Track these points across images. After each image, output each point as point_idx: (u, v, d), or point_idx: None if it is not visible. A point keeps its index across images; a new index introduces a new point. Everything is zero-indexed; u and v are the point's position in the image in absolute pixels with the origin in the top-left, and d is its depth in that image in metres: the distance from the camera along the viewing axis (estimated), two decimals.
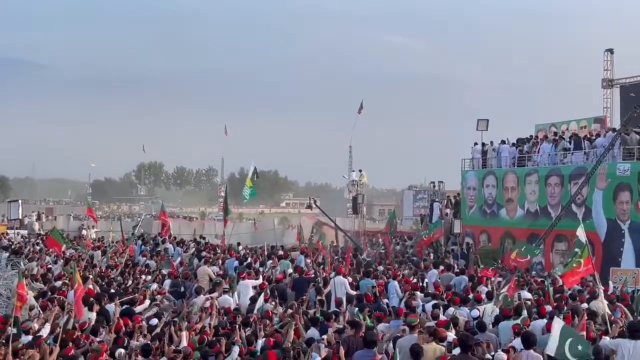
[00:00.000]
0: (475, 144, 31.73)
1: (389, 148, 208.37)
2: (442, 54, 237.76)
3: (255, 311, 13.66)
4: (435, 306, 13.31)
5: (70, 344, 9.74)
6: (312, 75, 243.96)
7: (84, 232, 37.50)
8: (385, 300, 15.30)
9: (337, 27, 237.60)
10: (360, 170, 40.68)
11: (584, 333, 10.81)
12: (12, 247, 25.35)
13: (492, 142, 30.94)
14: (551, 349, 9.52)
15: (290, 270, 19.17)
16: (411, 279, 18.41)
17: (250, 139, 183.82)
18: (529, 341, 9.73)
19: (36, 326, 11.28)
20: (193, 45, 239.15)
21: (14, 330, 10.46)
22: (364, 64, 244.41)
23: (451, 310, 13.36)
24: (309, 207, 36.29)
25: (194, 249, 25.18)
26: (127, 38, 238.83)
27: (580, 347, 9.51)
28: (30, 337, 10.50)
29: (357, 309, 13.42)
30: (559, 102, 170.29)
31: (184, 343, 10.29)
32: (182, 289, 17.41)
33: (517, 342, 10.21)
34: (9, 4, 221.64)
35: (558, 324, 9.77)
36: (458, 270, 19.99)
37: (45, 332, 11.00)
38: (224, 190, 72.06)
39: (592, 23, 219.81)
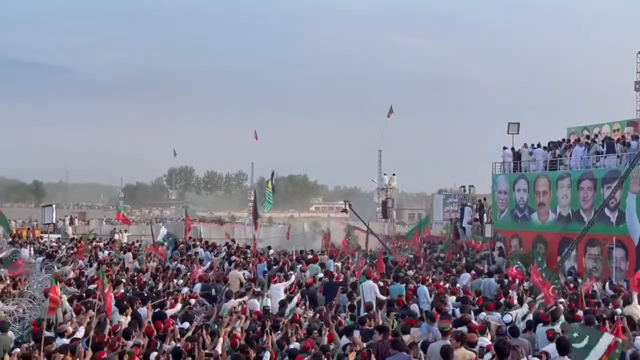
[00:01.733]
0: (505, 147, 31.46)
1: (419, 152, 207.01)
2: (473, 57, 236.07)
3: (286, 314, 13.67)
4: (465, 310, 13.22)
5: (105, 348, 9.80)
6: (342, 78, 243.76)
7: (116, 236, 37.87)
8: (415, 305, 15.23)
9: (365, 29, 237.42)
10: (393, 174, 40.68)
11: (620, 339, 10.62)
12: (46, 251, 25.66)
13: (527, 145, 30.45)
14: None
15: (321, 275, 19.17)
16: (441, 283, 18.29)
17: (280, 143, 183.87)
18: (564, 347, 9.59)
19: (70, 329, 11.40)
20: (223, 49, 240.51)
21: (48, 333, 10.59)
22: (394, 66, 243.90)
23: (483, 315, 13.25)
24: (344, 210, 36.20)
25: (224, 252, 25.27)
26: (155, 40, 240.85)
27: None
28: (65, 340, 10.61)
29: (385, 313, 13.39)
30: (592, 105, 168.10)
31: (219, 348, 10.32)
32: (214, 292, 17.51)
33: (551, 348, 10.07)
34: (28, 6, 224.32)
35: (606, 339, 9.51)
36: (486, 274, 19.85)
37: (79, 335, 11.12)
38: (253, 195, 72.36)
39: (625, 24, 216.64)
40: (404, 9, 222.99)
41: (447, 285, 18.02)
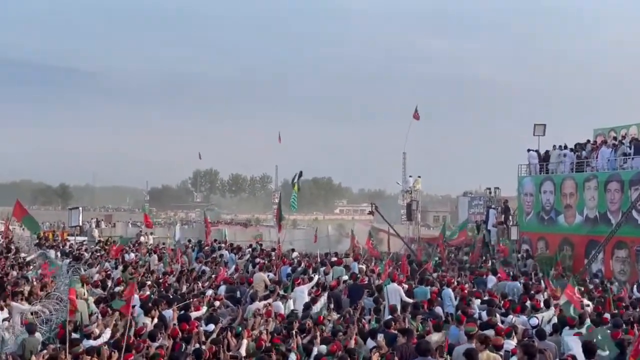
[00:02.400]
0: (529, 150, 31.20)
1: (444, 154, 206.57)
2: (497, 59, 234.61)
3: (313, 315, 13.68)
4: (491, 313, 13.14)
5: (132, 350, 9.87)
6: (366, 80, 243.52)
7: (142, 238, 38.12)
8: (439, 308, 15.16)
9: (389, 31, 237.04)
10: (418, 177, 40.47)
11: None
12: (73, 253, 25.93)
13: (558, 146, 30.08)
14: None
15: (345, 277, 19.15)
16: (466, 286, 18.20)
17: (304, 146, 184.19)
18: (591, 351, 9.49)
19: (97, 331, 11.49)
20: (246, 52, 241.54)
21: (74, 335, 10.70)
22: (418, 69, 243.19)
23: (510, 318, 13.17)
24: (371, 213, 36.10)
25: (248, 255, 25.36)
26: (181, 45, 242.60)
27: None
28: (91, 342, 10.70)
29: (410, 316, 13.34)
30: (619, 106, 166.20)
31: (243, 350, 10.34)
32: (238, 294, 17.58)
33: (578, 351, 9.97)
34: (58, 13, 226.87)
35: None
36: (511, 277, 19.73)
37: (105, 337, 11.21)
38: (277, 197, 72.43)
39: None
40: (429, 10, 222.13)
41: (474, 289, 17.94)
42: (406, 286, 17.15)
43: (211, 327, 12.15)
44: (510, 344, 10.62)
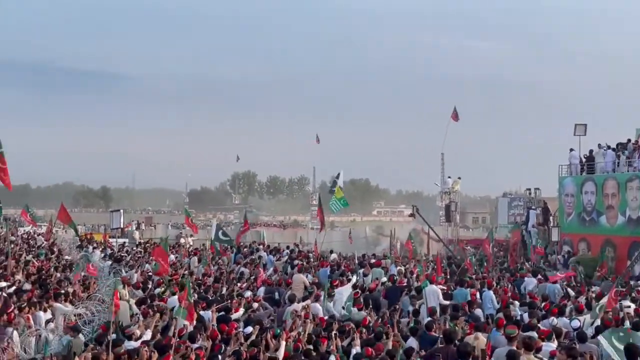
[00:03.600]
0: (571, 150, 30.76)
1: (483, 154, 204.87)
2: (538, 58, 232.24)
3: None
4: (533, 316, 12.98)
5: (170, 351, 9.96)
6: (403, 82, 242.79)
7: (182, 240, 38.45)
8: (479, 310, 15.02)
9: (427, 33, 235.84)
10: (458, 178, 40.19)
11: None
12: (114, 255, 26.28)
13: (601, 145, 29.61)
14: None
15: (384, 279, 19.08)
16: (508, 287, 18.02)
17: (341, 147, 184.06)
18: (633, 354, 9.32)
19: (138, 332, 11.62)
20: (285, 56, 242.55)
21: (114, 336, 10.83)
22: (456, 69, 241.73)
23: (551, 320, 12.99)
24: (412, 215, 35.87)
25: (287, 256, 25.43)
26: (219, 47, 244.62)
27: None
28: (133, 343, 10.82)
29: (449, 318, 13.24)
30: None
31: (282, 352, 10.36)
32: (277, 296, 17.63)
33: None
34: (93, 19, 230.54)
35: None
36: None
37: (146, 338, 11.33)
38: (315, 199, 72.44)
39: None
40: (464, 11, 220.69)
41: (516, 291, 17.77)
42: (445, 288, 17.03)
43: (249, 329, 12.19)
44: (550, 346, 10.48)
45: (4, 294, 14.15)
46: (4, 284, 15.75)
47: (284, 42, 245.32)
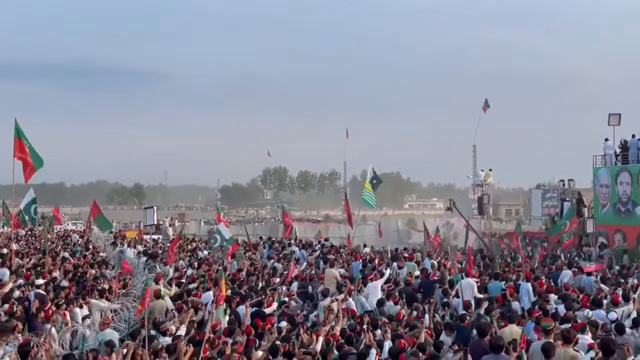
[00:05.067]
0: (606, 139, 30.30)
1: (516, 146, 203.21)
2: (570, 49, 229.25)
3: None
4: (569, 308, 12.84)
5: (206, 345, 10.02)
6: (435, 75, 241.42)
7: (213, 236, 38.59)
8: (516, 303, 14.89)
9: (458, 26, 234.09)
10: (490, 170, 39.82)
11: None
12: (149, 251, 26.50)
13: (637, 136, 29.07)
14: None
15: (417, 273, 19.01)
16: (543, 280, 17.83)
17: (371, 141, 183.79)
18: None
19: (173, 328, 11.73)
20: (313, 51, 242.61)
21: (153, 332, 10.93)
22: (487, 61, 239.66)
23: (586, 312, 12.83)
24: (449, 208, 35.54)
25: (319, 251, 25.44)
26: (249, 46, 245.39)
27: None
28: (167, 339, 10.92)
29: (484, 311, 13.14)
30: None
31: (318, 347, 10.37)
32: (310, 290, 17.65)
33: None
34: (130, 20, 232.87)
35: None
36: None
37: (181, 333, 11.43)
38: (344, 194, 72.40)
39: None
40: (495, 4, 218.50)
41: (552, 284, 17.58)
42: (478, 281, 16.91)
43: (283, 324, 12.22)
44: (586, 338, 10.34)
45: (42, 291, 14.34)
46: (41, 281, 15.96)
47: (313, 41, 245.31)
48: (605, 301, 14.11)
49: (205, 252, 27.10)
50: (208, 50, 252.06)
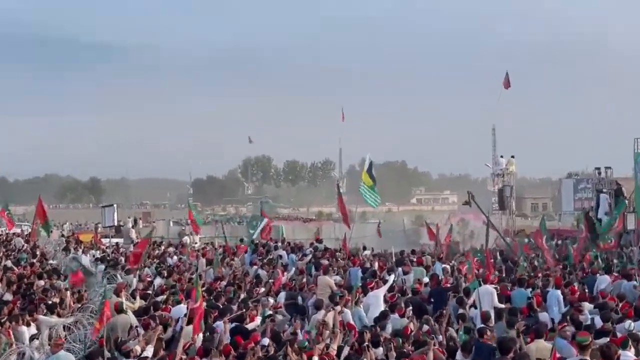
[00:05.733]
0: None
1: (541, 129, 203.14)
2: (609, 22, 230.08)
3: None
4: (605, 319, 12.86)
5: None
6: (448, 46, 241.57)
7: (185, 239, 38.56)
8: (545, 313, 14.94)
9: None
10: (512, 157, 39.90)
11: None
12: (108, 258, 26.44)
13: None
14: None
15: (426, 279, 19.03)
16: (575, 287, 17.87)
17: (371, 125, 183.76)
18: None
19: (138, 349, 11.64)
20: (305, 26, 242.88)
21: (109, 355, 10.88)
22: (507, 32, 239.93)
23: (627, 323, 12.86)
24: (466, 203, 35.37)
25: (310, 255, 25.43)
26: (235, 21, 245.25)
27: None
28: None
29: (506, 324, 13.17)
30: None
31: None
32: (300, 301, 17.67)
33: None
34: None
35: None
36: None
37: (147, 354, 11.34)
38: (342, 186, 72.31)
39: None
40: None
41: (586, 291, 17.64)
42: (498, 288, 16.94)
43: (266, 341, 12.22)
44: (628, 355, 10.33)
45: None
46: None
47: (305, 18, 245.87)
48: None
49: (176, 258, 27.10)
50: (180, 21, 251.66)
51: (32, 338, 13.21)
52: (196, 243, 36.67)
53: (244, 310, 14.86)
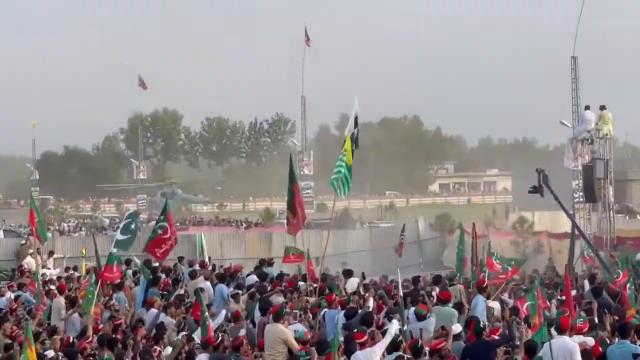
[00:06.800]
0: None
1: None
2: None
3: None
4: None
5: None
6: None
7: (28, 259, 38.47)
8: None
9: None
10: (602, 108, 40.05)
11: None
12: None
13: None
14: None
15: (459, 327, 19.25)
16: None
17: (360, 55, 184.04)
18: None
19: None
20: None
21: None
22: None
23: None
24: (534, 190, 34.36)
25: (253, 287, 25.61)
26: None
27: None
28: None
29: None
30: None
31: None
32: None
33: None
34: None
35: None
36: None
37: None
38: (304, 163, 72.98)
39: None
40: None
41: None
42: (585, 339, 17.19)
43: None
44: None
45: None
46: None
47: None
48: None
49: (9, 295, 27.07)
50: None
51: None
52: (49, 268, 36.68)
53: None
